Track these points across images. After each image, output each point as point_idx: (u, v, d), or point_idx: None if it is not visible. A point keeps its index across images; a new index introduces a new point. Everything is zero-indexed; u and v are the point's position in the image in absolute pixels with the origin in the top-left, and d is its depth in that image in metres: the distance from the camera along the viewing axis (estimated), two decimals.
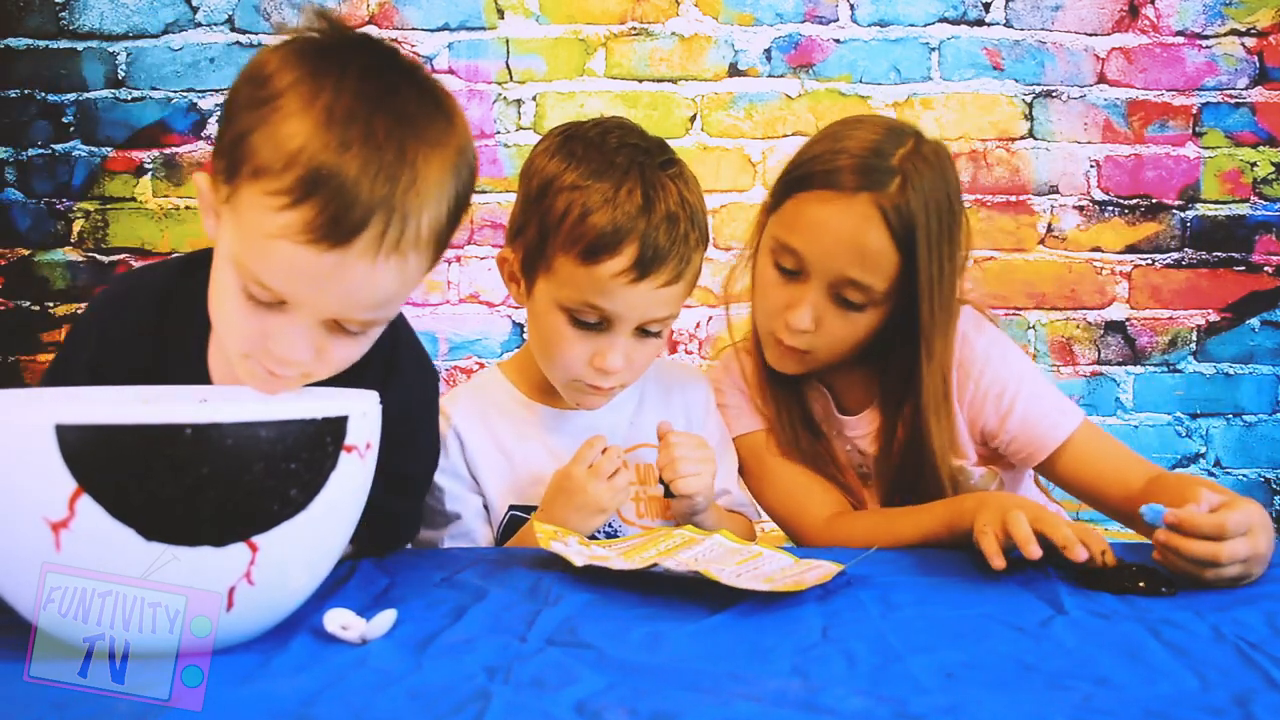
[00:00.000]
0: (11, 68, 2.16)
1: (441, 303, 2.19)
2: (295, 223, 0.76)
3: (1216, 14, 2.14)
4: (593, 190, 1.08)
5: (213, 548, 0.68)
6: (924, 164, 1.12)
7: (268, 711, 0.63)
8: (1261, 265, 2.17)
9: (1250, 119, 2.15)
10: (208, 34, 2.15)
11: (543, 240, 1.11)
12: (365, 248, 0.77)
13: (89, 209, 2.18)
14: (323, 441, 0.72)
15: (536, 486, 1.19)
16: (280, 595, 0.75)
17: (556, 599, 0.87)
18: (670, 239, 1.09)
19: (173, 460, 0.66)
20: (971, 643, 0.77)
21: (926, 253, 1.11)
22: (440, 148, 0.82)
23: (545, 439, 1.23)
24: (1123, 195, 2.16)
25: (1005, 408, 1.20)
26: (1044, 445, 1.19)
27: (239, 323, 0.83)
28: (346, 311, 0.82)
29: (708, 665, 0.71)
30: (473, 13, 2.15)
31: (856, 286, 1.13)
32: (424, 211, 0.80)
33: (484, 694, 0.65)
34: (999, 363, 1.22)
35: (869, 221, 1.10)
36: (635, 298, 1.09)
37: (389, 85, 0.81)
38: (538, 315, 1.15)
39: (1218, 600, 0.87)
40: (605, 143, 1.13)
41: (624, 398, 1.24)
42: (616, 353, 1.12)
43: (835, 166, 1.12)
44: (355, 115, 0.77)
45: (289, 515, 0.71)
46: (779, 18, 2.15)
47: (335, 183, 0.75)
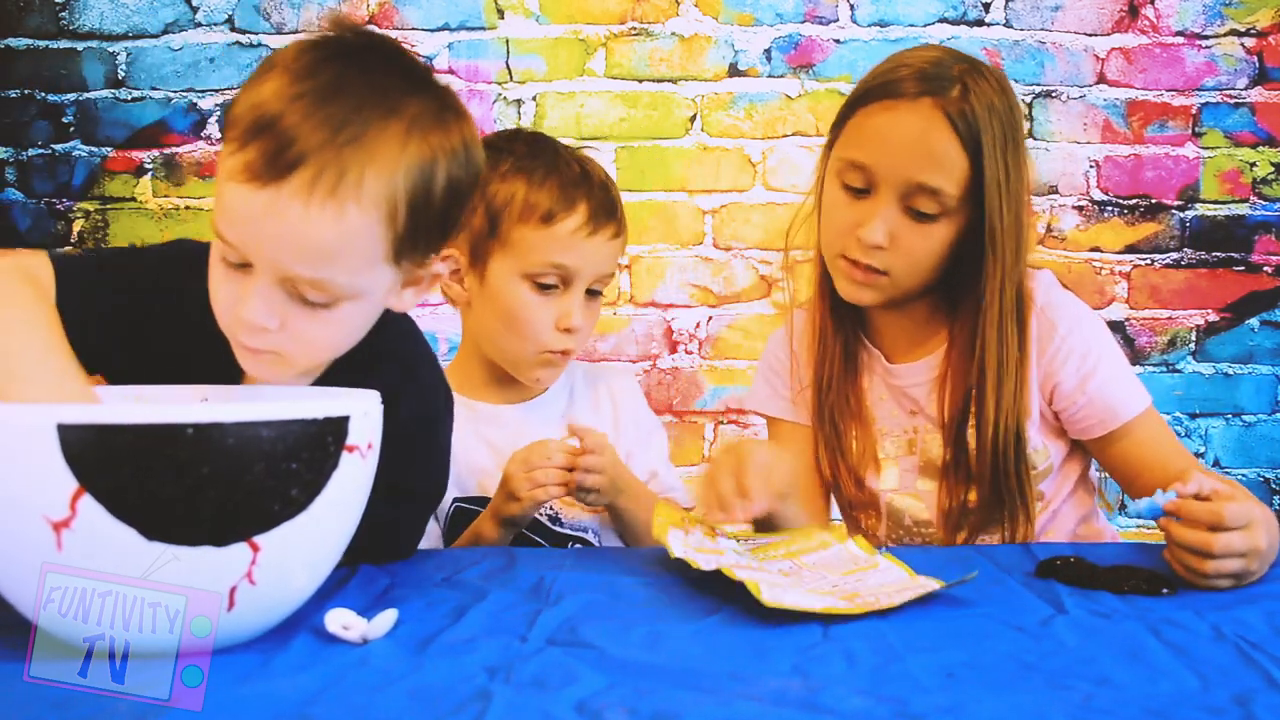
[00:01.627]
0: (11, 68, 2.16)
1: (441, 303, 2.18)
2: (239, 163, 0.81)
3: (1216, 14, 2.14)
4: (533, 168, 1.22)
5: (214, 547, 0.68)
6: (983, 78, 1.12)
7: (268, 711, 0.63)
8: (1261, 265, 2.17)
9: (1250, 119, 2.15)
10: (207, 34, 2.15)
11: (493, 223, 1.22)
12: (297, 188, 0.80)
13: (89, 209, 2.18)
14: (324, 441, 0.72)
15: (476, 477, 1.27)
16: (281, 595, 0.75)
17: (557, 599, 0.87)
18: (609, 199, 1.24)
19: (174, 460, 0.66)
20: (971, 643, 0.77)
21: (993, 156, 1.10)
22: (405, 120, 0.84)
23: (483, 432, 1.29)
24: (1122, 195, 2.17)
25: (1088, 370, 1.17)
26: (1114, 417, 1.17)
27: (217, 291, 0.87)
28: (287, 259, 0.83)
29: (708, 665, 0.71)
30: (473, 13, 2.15)
31: (927, 192, 1.11)
32: (366, 168, 0.82)
33: (484, 694, 0.65)
34: (1089, 325, 1.20)
35: (933, 124, 1.10)
36: (590, 251, 1.22)
37: (374, 65, 0.85)
38: (495, 295, 1.24)
39: (1218, 600, 0.87)
40: (518, 138, 1.28)
41: (555, 392, 1.33)
42: (577, 311, 1.23)
43: (896, 77, 1.12)
44: (319, 73, 0.83)
45: (290, 515, 0.71)
46: (779, 18, 2.15)
47: (278, 126, 0.80)
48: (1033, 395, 1.19)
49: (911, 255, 1.14)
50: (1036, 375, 1.19)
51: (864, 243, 1.13)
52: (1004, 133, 1.11)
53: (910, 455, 1.24)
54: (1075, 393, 1.18)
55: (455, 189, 0.89)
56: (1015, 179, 1.12)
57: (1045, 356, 1.18)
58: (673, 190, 2.16)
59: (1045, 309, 1.19)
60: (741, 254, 2.17)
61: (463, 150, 0.89)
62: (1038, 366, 1.19)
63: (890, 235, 1.12)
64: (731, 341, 2.19)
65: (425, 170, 0.86)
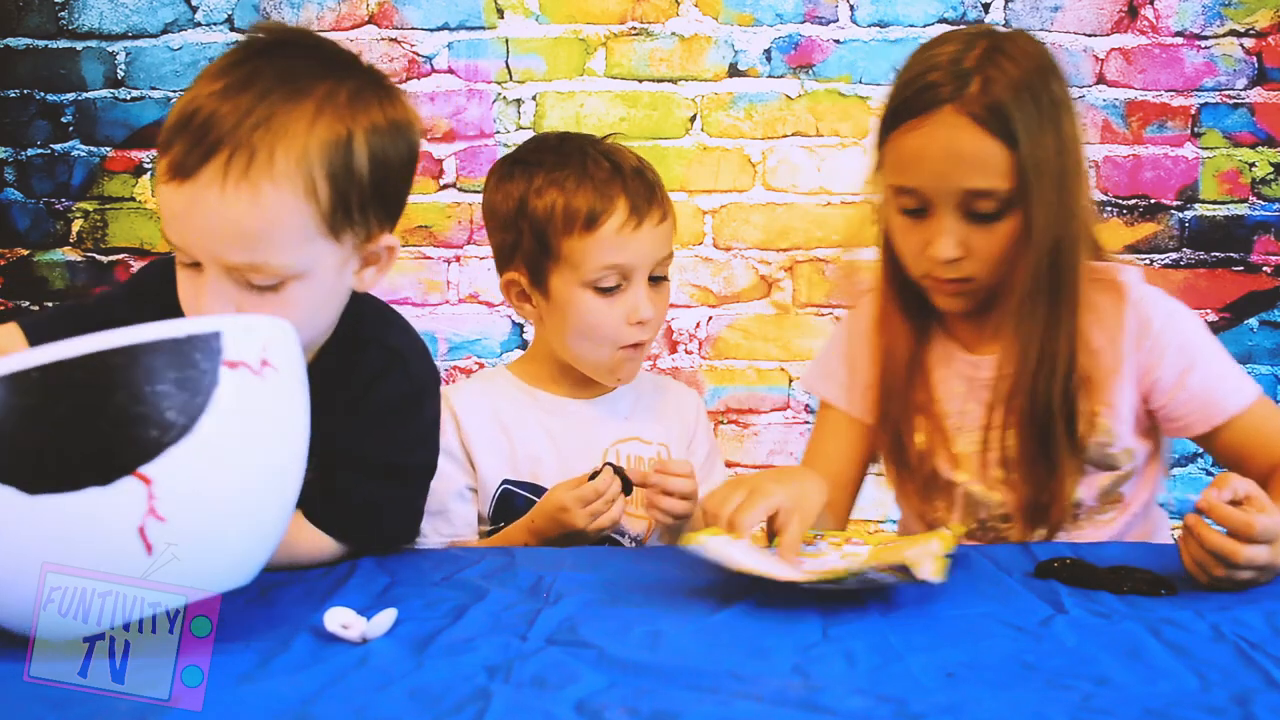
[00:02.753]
0: (11, 68, 2.16)
1: (441, 303, 2.19)
2: (164, 165, 0.87)
3: (1215, 14, 2.14)
4: (564, 177, 1.22)
5: (99, 488, 0.66)
6: (1003, 55, 1.10)
7: (268, 711, 0.63)
8: (1260, 265, 2.17)
9: (1249, 119, 2.15)
10: (207, 34, 2.15)
11: (541, 242, 1.23)
12: (212, 177, 0.85)
13: (88, 209, 2.18)
14: (192, 359, 0.69)
15: (532, 465, 1.26)
16: (208, 528, 0.71)
17: (557, 598, 0.87)
18: (646, 184, 1.25)
19: (29, 407, 0.65)
20: (971, 643, 0.77)
21: (1028, 133, 1.08)
22: (314, 99, 0.88)
23: (544, 421, 1.29)
24: (1121, 196, 2.17)
25: (1187, 364, 1.15)
26: (1219, 412, 1.14)
27: (183, 293, 0.92)
28: (219, 248, 0.87)
29: (708, 664, 0.71)
30: (472, 12, 2.15)
31: (980, 195, 1.10)
32: (275, 147, 0.86)
33: (484, 693, 0.65)
34: (1184, 318, 1.18)
35: (961, 130, 1.08)
36: (640, 243, 1.22)
37: (288, 55, 0.91)
38: (563, 309, 1.24)
39: (1218, 600, 0.87)
40: (544, 145, 1.29)
41: (621, 393, 1.32)
42: (644, 303, 1.24)
43: (910, 94, 1.11)
44: (234, 70, 0.88)
45: (174, 439, 0.68)
46: (779, 18, 2.15)
47: (193, 122, 0.86)
48: (1126, 394, 1.17)
49: (989, 255, 1.13)
50: (1133, 371, 1.17)
51: (938, 260, 1.13)
52: (1036, 102, 1.09)
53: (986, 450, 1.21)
54: (1175, 388, 1.16)
55: (382, 162, 0.92)
56: (1058, 146, 1.10)
57: (1142, 351, 1.16)
58: (673, 190, 2.13)
59: (1139, 304, 1.17)
60: (741, 254, 2.17)
61: (386, 125, 0.93)
62: (1134, 362, 1.17)
63: (961, 245, 1.12)
64: (731, 342, 2.19)
65: (340, 144, 0.89)
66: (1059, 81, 1.12)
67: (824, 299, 2.18)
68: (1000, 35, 1.14)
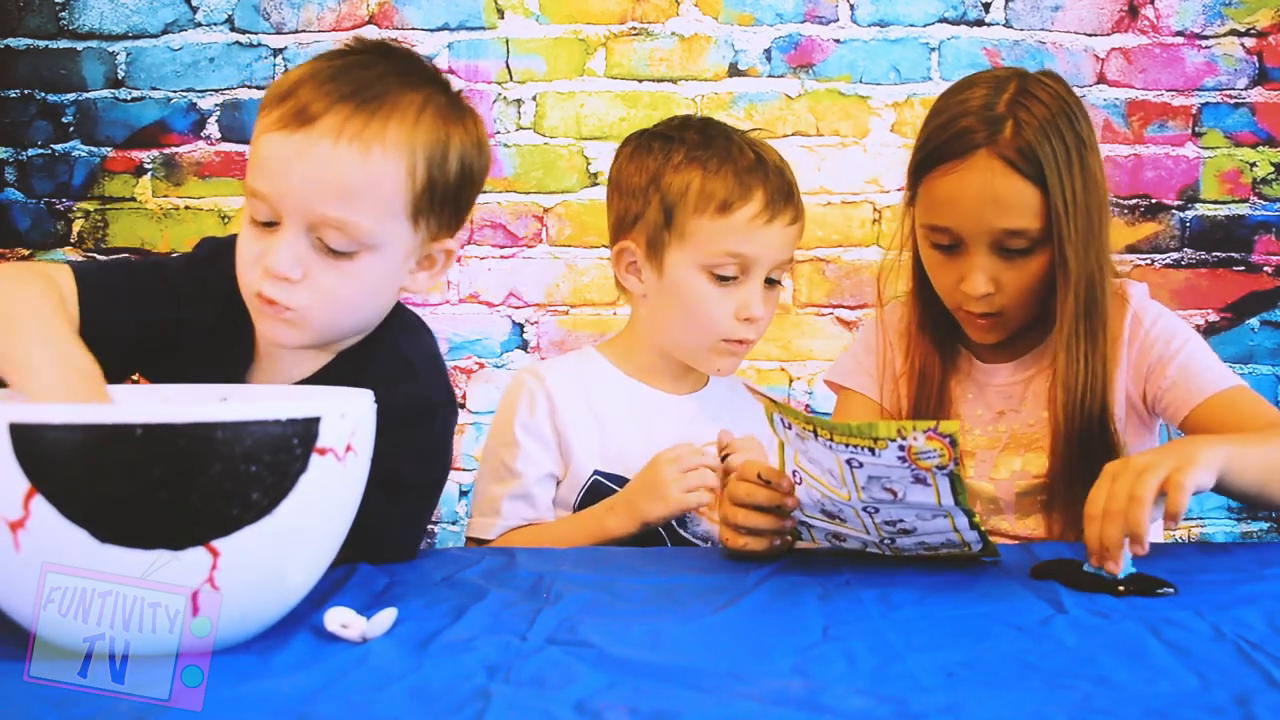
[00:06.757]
0: (11, 68, 2.16)
1: (441, 303, 2.19)
2: (271, 119, 0.92)
3: (1216, 14, 2.14)
4: (708, 156, 1.22)
5: (169, 551, 0.67)
6: (1033, 99, 1.15)
7: (268, 711, 0.63)
8: (1261, 265, 2.17)
9: (1250, 119, 2.15)
10: (207, 34, 2.15)
11: (668, 216, 1.22)
12: (328, 128, 0.90)
13: (89, 209, 2.18)
14: (288, 444, 0.70)
15: (623, 457, 1.25)
16: (256, 601, 0.73)
17: (557, 598, 0.87)
18: (785, 182, 1.24)
19: (123, 461, 0.65)
20: (971, 643, 0.77)
21: (1056, 174, 1.13)
22: (421, 96, 0.95)
23: (640, 414, 1.28)
24: (1122, 195, 2.17)
25: (1172, 352, 1.21)
26: (1200, 391, 1.18)
27: (244, 251, 0.94)
28: (315, 198, 0.90)
29: (708, 664, 0.71)
30: (472, 13, 2.15)
31: (1012, 234, 1.15)
32: (389, 119, 0.92)
33: (484, 693, 0.65)
34: (1173, 319, 1.25)
35: (995, 174, 1.13)
36: (769, 237, 1.22)
37: (391, 56, 0.98)
38: (674, 287, 1.23)
39: (1218, 600, 0.87)
40: (689, 125, 1.27)
41: (717, 389, 1.33)
42: (756, 301, 1.23)
43: (946, 138, 1.16)
44: (347, 56, 0.96)
45: (252, 519, 0.69)
46: (779, 18, 2.15)
47: (308, 85, 0.92)
48: (1121, 392, 1.22)
49: (1020, 291, 1.18)
50: (1127, 370, 1.23)
51: (972, 295, 1.18)
52: (1065, 145, 1.14)
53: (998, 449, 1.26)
54: (1158, 375, 1.21)
55: (468, 171, 0.98)
56: (1083, 183, 1.15)
57: (1134, 347, 1.23)
58: None
59: (1137, 311, 1.24)
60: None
61: (474, 141, 0.99)
62: (1127, 360, 1.23)
63: (992, 281, 1.17)
64: None
65: (441, 141, 0.96)
66: (1084, 121, 1.18)
67: (824, 299, 2.18)
68: (1029, 77, 1.19)
